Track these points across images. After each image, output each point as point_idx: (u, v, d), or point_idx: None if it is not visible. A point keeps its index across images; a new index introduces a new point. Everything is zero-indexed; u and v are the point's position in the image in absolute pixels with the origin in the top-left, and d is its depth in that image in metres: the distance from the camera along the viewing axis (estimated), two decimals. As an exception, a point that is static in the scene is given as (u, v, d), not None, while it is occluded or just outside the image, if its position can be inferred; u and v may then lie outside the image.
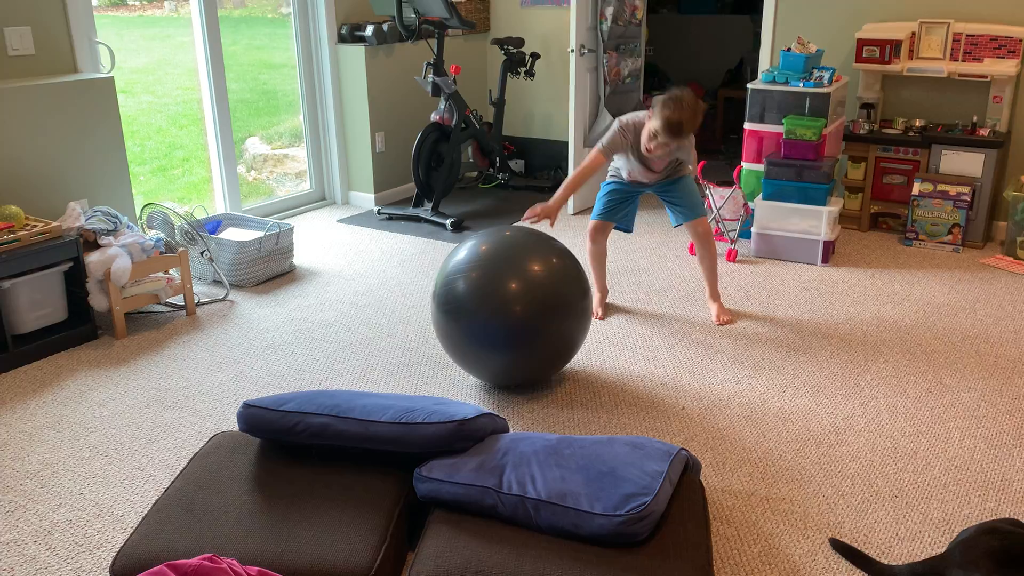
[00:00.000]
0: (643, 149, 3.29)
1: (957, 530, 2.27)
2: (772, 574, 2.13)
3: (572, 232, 4.90)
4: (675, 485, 2.09)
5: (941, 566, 1.99)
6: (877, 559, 2.15)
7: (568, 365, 3.25)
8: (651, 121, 3.18)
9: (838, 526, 2.31)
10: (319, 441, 2.20)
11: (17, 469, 2.61)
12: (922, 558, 2.15)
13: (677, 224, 3.68)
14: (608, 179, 3.68)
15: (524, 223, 3.32)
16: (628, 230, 3.80)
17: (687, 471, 2.21)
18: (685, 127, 3.14)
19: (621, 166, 3.56)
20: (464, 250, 2.92)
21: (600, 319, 3.68)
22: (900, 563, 2.15)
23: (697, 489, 2.16)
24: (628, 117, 3.37)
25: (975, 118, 4.56)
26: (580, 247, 4.64)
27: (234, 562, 1.72)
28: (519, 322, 2.78)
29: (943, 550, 2.09)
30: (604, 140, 3.37)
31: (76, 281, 3.45)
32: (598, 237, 3.70)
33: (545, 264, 2.87)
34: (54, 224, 3.38)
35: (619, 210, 3.68)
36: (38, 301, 3.37)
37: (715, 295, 3.68)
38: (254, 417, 2.25)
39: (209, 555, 1.69)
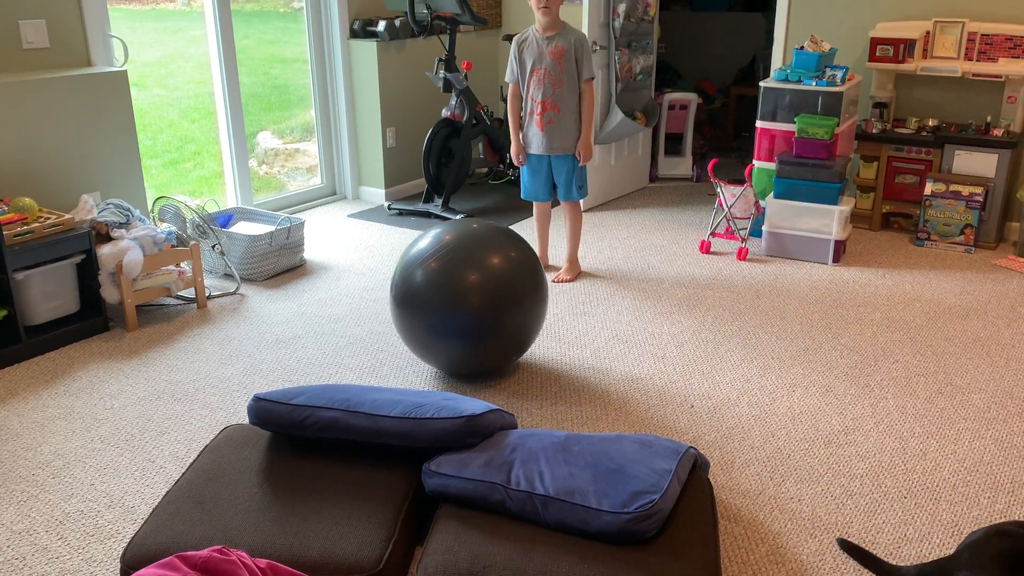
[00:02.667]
0: (536, 10, 3.79)
1: (966, 532, 2.26)
2: (780, 573, 2.13)
3: (583, 228, 4.89)
4: (683, 483, 2.09)
5: (950, 568, 1.99)
6: (885, 560, 2.15)
7: (577, 361, 3.25)
8: None
9: (846, 526, 2.31)
10: (328, 435, 2.21)
11: (29, 459, 2.63)
12: (930, 559, 2.14)
13: (560, 199, 4.12)
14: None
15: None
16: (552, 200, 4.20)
17: (695, 469, 2.21)
18: None
19: (527, 95, 3.94)
20: (426, 239, 3.03)
21: (555, 281, 4.09)
22: (908, 564, 2.14)
23: (705, 487, 2.16)
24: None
25: (989, 118, 4.54)
26: (588, 243, 4.64)
27: (243, 554, 1.73)
28: (475, 313, 2.89)
29: (952, 552, 2.09)
30: (508, 68, 4.03)
31: (88, 273, 3.48)
32: (535, 209, 4.24)
33: (502, 257, 2.98)
34: (67, 216, 3.40)
35: (536, 185, 4.10)
36: (50, 293, 3.39)
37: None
38: (264, 410, 2.26)
39: (219, 547, 1.70)
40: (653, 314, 3.72)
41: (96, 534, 2.28)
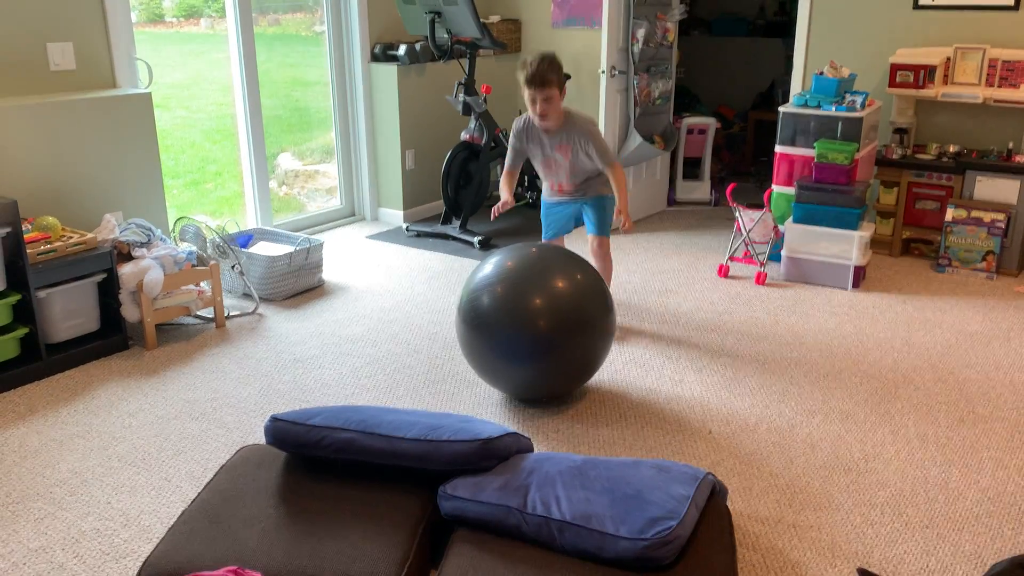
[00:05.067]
0: (534, 119, 3.47)
1: (989, 563, 2.22)
2: (799, 603, 2.09)
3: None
4: (701, 510, 2.07)
5: (973, 600, 1.95)
6: (907, 591, 2.11)
7: (594, 384, 3.24)
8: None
9: (867, 556, 2.27)
10: (344, 456, 2.20)
11: (47, 477, 2.64)
12: (953, 591, 2.11)
13: (589, 232, 3.76)
14: (543, 198, 3.84)
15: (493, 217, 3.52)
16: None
17: (714, 495, 2.19)
18: (546, 74, 3.33)
19: (540, 174, 3.72)
20: (490, 265, 2.98)
21: None
22: (931, 596, 2.10)
23: (723, 514, 2.13)
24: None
25: (1011, 144, 4.51)
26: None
27: (258, 575, 1.72)
28: (543, 336, 2.83)
29: (975, 583, 2.05)
30: (508, 155, 3.64)
31: (109, 292, 3.51)
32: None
33: (569, 281, 2.92)
34: (89, 236, 3.43)
35: (557, 227, 3.85)
36: (72, 311, 3.42)
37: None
38: (281, 431, 2.26)
39: (234, 568, 1.70)
40: (671, 338, 3.70)
41: (112, 552, 2.28)
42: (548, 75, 3.33)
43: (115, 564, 2.24)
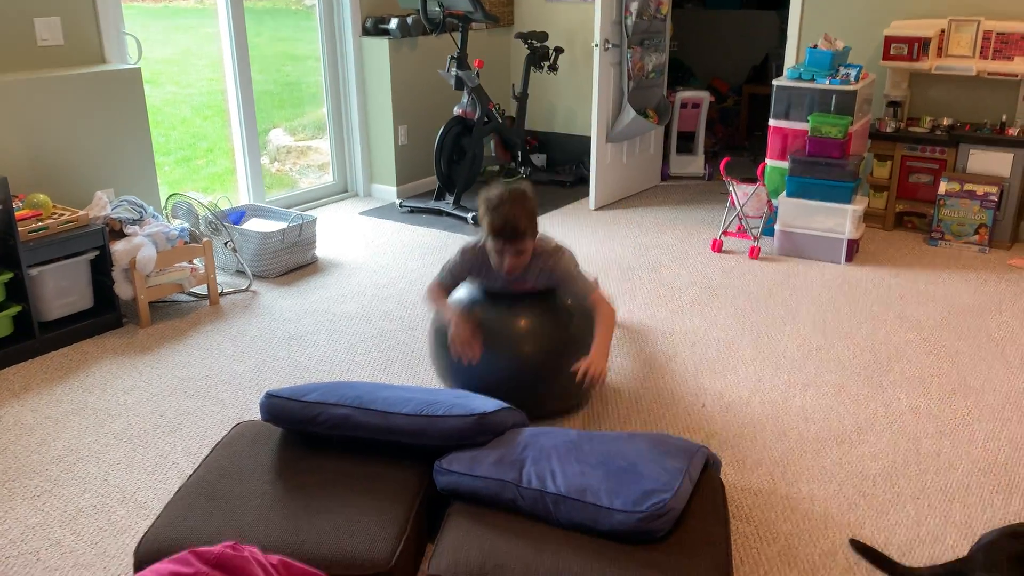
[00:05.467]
0: (502, 271, 2.65)
1: (979, 533, 2.25)
2: (791, 573, 2.12)
3: (593, 227, 4.90)
4: (695, 482, 2.09)
5: (963, 569, 1.98)
6: (898, 561, 2.14)
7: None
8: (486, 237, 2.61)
9: (858, 526, 2.29)
10: (340, 432, 2.21)
11: (43, 454, 2.65)
12: (944, 561, 2.13)
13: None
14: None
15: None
16: None
17: (707, 468, 2.21)
18: (519, 223, 2.54)
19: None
20: (463, 289, 2.80)
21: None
22: (921, 565, 2.13)
23: (717, 487, 2.15)
24: (469, 241, 2.79)
25: (1004, 117, 4.51)
26: (600, 242, 4.63)
27: (255, 550, 1.73)
28: (528, 363, 2.65)
29: (965, 553, 2.07)
30: (443, 270, 2.81)
31: (102, 269, 3.49)
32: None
33: (549, 303, 2.72)
34: (81, 213, 3.41)
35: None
36: (64, 289, 3.41)
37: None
38: (276, 407, 2.26)
39: (231, 543, 1.70)
40: (665, 313, 3.71)
41: (109, 529, 2.30)
42: (522, 225, 2.56)
43: (113, 540, 2.25)
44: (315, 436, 2.27)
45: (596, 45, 4.95)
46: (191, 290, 3.86)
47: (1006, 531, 1.98)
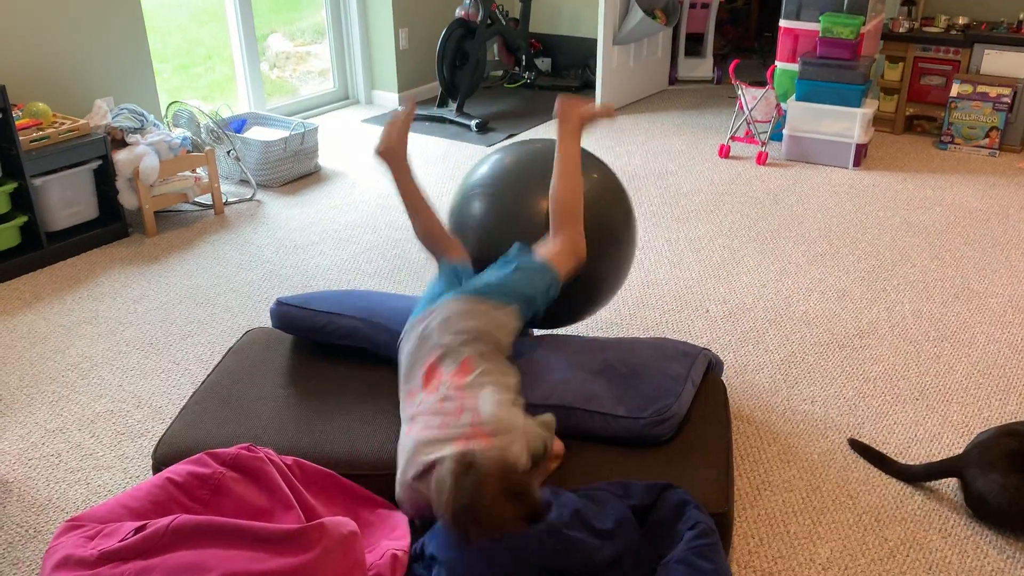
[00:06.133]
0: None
1: (976, 432, 2.30)
2: (790, 471, 2.18)
3: (599, 133, 4.84)
4: (697, 386, 2.12)
5: (959, 466, 2.03)
6: (895, 459, 2.19)
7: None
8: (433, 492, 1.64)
9: (857, 427, 2.35)
10: (350, 343, 2.24)
11: (58, 361, 2.70)
12: (940, 458, 2.19)
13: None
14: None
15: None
16: None
17: (709, 370, 2.24)
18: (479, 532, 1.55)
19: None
20: (485, 165, 2.43)
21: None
22: (918, 463, 2.19)
23: (719, 389, 2.19)
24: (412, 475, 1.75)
25: (1021, 15, 4.38)
26: (606, 148, 4.58)
27: (270, 451, 1.79)
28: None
29: (961, 451, 2.13)
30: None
31: (105, 179, 3.48)
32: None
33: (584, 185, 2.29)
34: (82, 122, 3.38)
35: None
36: (69, 199, 3.41)
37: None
38: (287, 315, 2.28)
39: (246, 444, 1.76)
40: (670, 219, 3.70)
41: (127, 432, 2.36)
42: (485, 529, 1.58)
43: (131, 443, 2.32)
44: (325, 344, 2.30)
45: (602, -58, 4.78)
46: (195, 199, 3.85)
47: (1001, 429, 2.02)
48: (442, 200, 3.93)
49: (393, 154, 2.22)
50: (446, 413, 1.76)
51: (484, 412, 1.74)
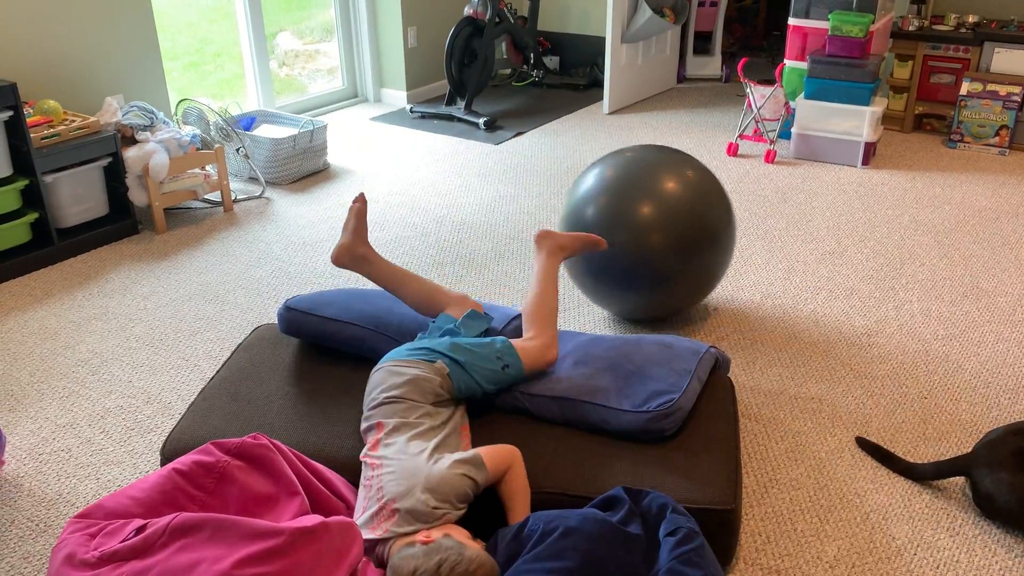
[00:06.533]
0: None
1: (984, 431, 2.30)
2: (798, 469, 2.18)
3: (607, 131, 4.84)
4: (703, 383, 2.12)
5: (967, 465, 2.03)
6: (903, 457, 2.19)
7: (601, 265, 3.26)
8: None
9: (865, 425, 2.34)
10: (357, 351, 2.24)
11: (68, 357, 2.72)
12: (948, 457, 2.18)
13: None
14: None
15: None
16: None
17: (716, 368, 2.24)
18: None
19: None
20: (590, 176, 2.69)
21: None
22: (926, 461, 2.18)
23: (726, 386, 2.19)
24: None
25: (1032, 14, 4.37)
26: (614, 147, 4.58)
27: (278, 442, 1.79)
28: (656, 254, 2.55)
29: (969, 450, 2.12)
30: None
31: (115, 176, 3.50)
32: None
33: (681, 183, 2.58)
34: (92, 119, 3.40)
35: None
36: (79, 196, 3.43)
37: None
38: (294, 320, 2.28)
39: (253, 434, 1.77)
40: (678, 217, 3.70)
41: (136, 428, 2.37)
42: None
43: (140, 439, 2.33)
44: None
45: (611, -59, 4.78)
46: (205, 197, 3.86)
47: (1011, 428, 2.01)
48: (451, 197, 3.94)
49: (347, 255, 2.19)
50: (366, 487, 1.76)
51: (385, 488, 1.71)
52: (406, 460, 1.75)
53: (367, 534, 1.67)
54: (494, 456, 1.80)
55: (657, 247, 2.55)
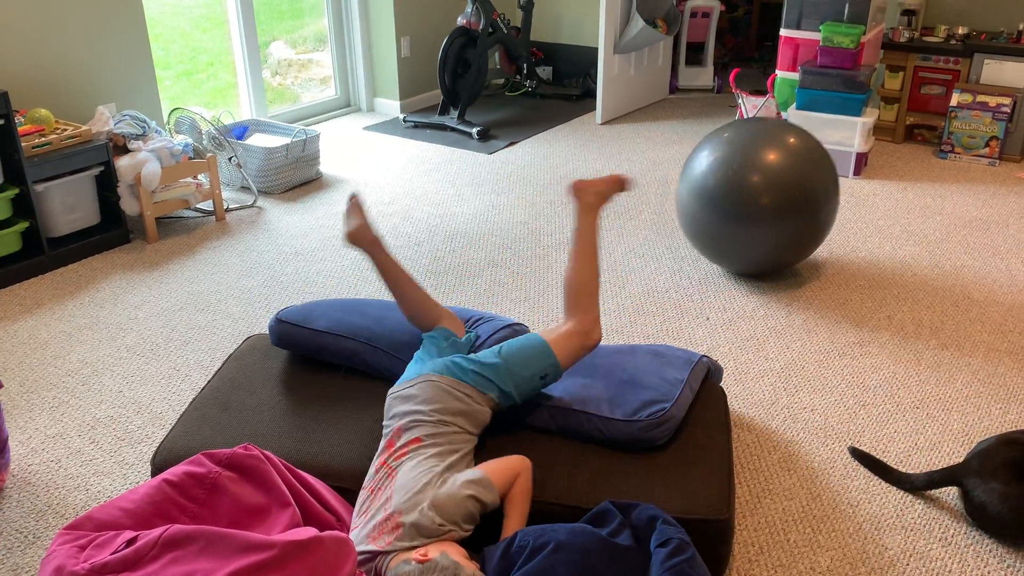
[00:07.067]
0: None
1: (976, 441, 2.30)
2: (790, 479, 2.18)
3: (600, 142, 4.85)
4: (696, 392, 2.12)
5: (959, 475, 2.03)
6: (895, 467, 2.19)
7: (594, 275, 3.27)
8: None
9: (858, 435, 2.35)
10: (349, 364, 2.23)
11: (59, 367, 2.70)
12: (940, 467, 2.19)
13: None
14: None
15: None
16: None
17: (709, 377, 2.24)
18: None
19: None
20: (709, 143, 3.10)
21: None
22: (918, 472, 2.18)
23: (719, 396, 2.19)
24: None
25: (1021, 25, 4.39)
26: (607, 157, 4.59)
27: (269, 454, 1.78)
28: (766, 214, 2.93)
29: (961, 460, 2.12)
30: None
31: (107, 185, 3.49)
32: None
33: (784, 151, 2.99)
34: (84, 128, 3.39)
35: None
36: (71, 205, 3.41)
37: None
38: (286, 333, 2.27)
39: (244, 445, 1.76)
40: (671, 228, 3.71)
41: (127, 438, 2.36)
42: None
43: (130, 449, 2.31)
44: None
45: (603, -48, 4.80)
46: (197, 206, 3.85)
47: (1002, 438, 2.02)
48: (444, 207, 3.94)
49: (363, 234, 2.15)
50: (373, 492, 1.75)
51: (394, 499, 1.70)
52: (420, 475, 1.73)
53: (367, 544, 1.66)
54: (502, 473, 1.78)
55: (765, 209, 2.93)
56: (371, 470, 1.83)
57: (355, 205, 2.19)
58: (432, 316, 2.15)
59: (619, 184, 2.25)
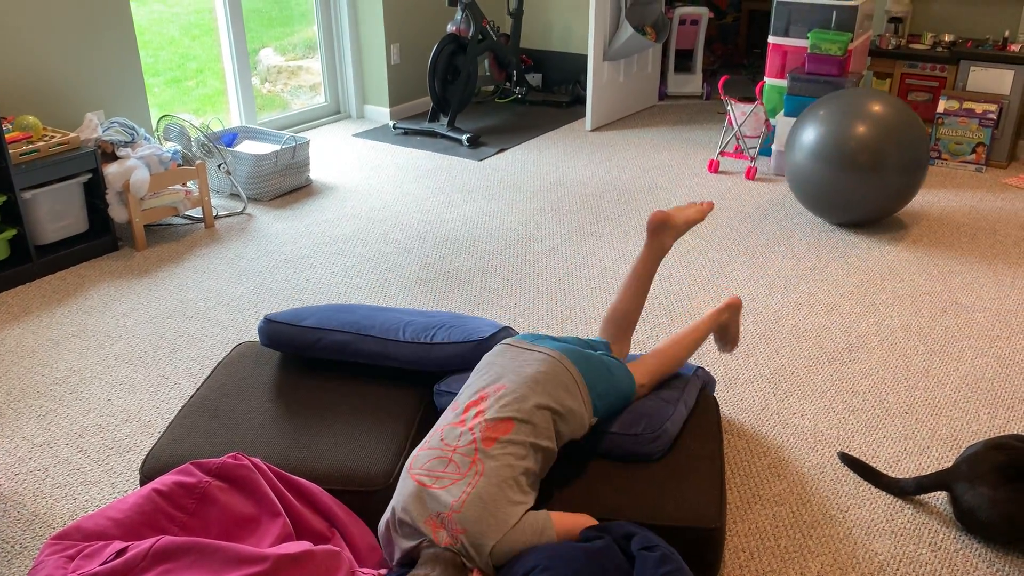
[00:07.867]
0: None
1: (965, 446, 2.31)
2: (780, 485, 2.18)
3: (589, 148, 4.86)
4: (691, 408, 2.12)
5: (948, 480, 2.04)
6: (885, 472, 2.20)
7: (583, 283, 3.27)
8: None
9: (848, 441, 2.35)
10: (340, 357, 2.23)
11: (46, 376, 2.68)
12: (929, 472, 2.20)
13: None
14: None
15: None
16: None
17: (702, 389, 2.24)
18: None
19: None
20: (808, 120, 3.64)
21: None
22: (907, 476, 2.19)
23: (711, 406, 2.19)
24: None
25: (1007, 33, 4.43)
26: (596, 164, 4.60)
27: (258, 460, 1.78)
28: (863, 170, 3.44)
29: (950, 465, 2.13)
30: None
31: (95, 193, 3.47)
32: None
33: (879, 116, 3.49)
34: (72, 135, 3.37)
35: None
36: (59, 212, 3.40)
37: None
38: (275, 332, 2.27)
39: (233, 454, 1.75)
40: (660, 234, 3.71)
41: (115, 447, 2.34)
42: None
43: (119, 458, 2.30)
44: (315, 360, 2.30)
45: (593, -41, 4.82)
46: (186, 213, 3.84)
47: (990, 443, 2.03)
48: (434, 213, 3.94)
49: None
50: (450, 460, 1.70)
51: (466, 510, 1.63)
52: (502, 503, 1.65)
53: (421, 524, 1.61)
54: (566, 533, 1.71)
55: (863, 166, 3.45)
56: (451, 415, 1.78)
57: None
58: (621, 332, 2.21)
59: (701, 215, 2.30)
